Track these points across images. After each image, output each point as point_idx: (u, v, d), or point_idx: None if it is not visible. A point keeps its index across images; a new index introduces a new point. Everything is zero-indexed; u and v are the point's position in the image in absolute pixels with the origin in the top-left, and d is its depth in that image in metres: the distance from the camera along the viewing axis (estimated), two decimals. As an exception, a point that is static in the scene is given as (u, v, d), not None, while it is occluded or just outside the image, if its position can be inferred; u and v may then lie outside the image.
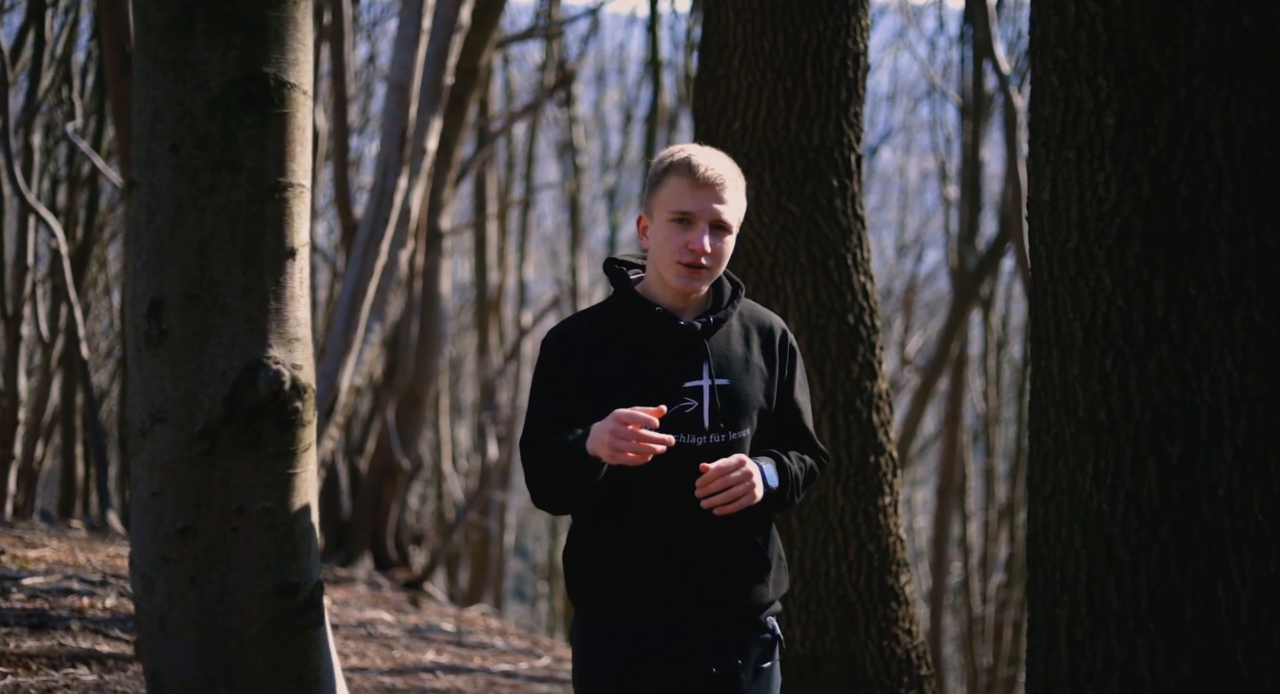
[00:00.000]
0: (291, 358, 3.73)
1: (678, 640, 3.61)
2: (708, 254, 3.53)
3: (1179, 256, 3.63)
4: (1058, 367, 3.81)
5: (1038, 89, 3.84)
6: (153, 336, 3.66)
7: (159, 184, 3.64)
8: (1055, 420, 3.82)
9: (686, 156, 3.60)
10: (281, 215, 3.70)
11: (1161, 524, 3.67)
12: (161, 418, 3.68)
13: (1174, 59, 3.62)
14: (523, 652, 10.57)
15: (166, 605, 3.76)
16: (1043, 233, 3.84)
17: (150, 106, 3.65)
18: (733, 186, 3.59)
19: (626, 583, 3.60)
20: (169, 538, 3.72)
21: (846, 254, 6.02)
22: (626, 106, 25.57)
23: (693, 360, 3.59)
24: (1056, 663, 3.84)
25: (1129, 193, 3.67)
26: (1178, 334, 3.64)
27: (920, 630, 6.26)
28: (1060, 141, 3.77)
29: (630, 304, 3.65)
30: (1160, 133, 3.63)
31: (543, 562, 30.96)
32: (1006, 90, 18.81)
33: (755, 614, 3.67)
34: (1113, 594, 3.73)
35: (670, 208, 3.56)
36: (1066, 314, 3.77)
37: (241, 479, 3.71)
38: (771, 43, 5.90)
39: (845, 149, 6.00)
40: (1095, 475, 3.74)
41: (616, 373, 3.59)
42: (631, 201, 27.50)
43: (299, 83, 3.70)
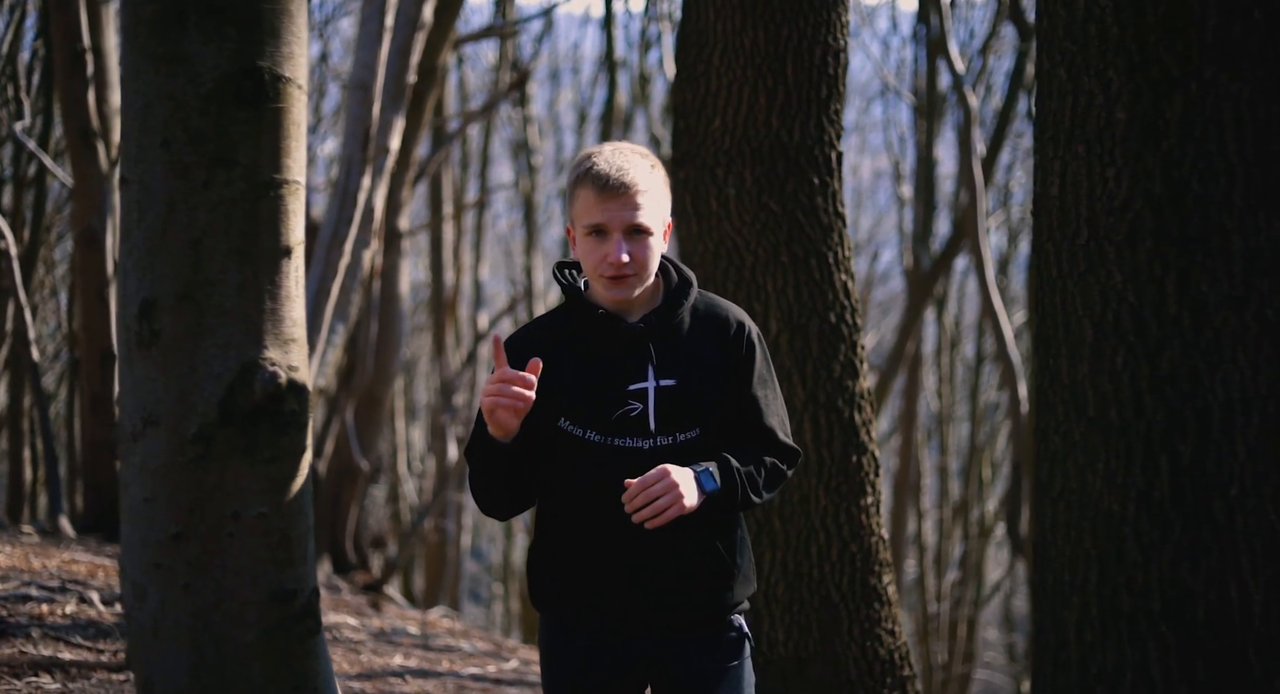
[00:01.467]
0: (288, 359, 3.64)
1: (639, 644, 3.55)
2: (627, 264, 3.44)
3: (1191, 252, 3.58)
4: (1066, 365, 3.76)
5: (1044, 83, 3.79)
6: (144, 337, 3.56)
7: (150, 181, 3.54)
8: (1064, 419, 3.77)
9: (590, 166, 3.48)
10: (277, 213, 3.60)
11: (1174, 524, 3.62)
12: (154, 421, 3.58)
13: (1186, 52, 3.57)
14: (489, 655, 10.48)
15: (159, 613, 3.65)
16: (1050, 229, 3.78)
17: (140, 101, 3.55)
18: (645, 187, 3.46)
19: (583, 589, 3.55)
20: (161, 544, 3.62)
21: (828, 252, 5.96)
22: (581, 106, 25.49)
23: (638, 362, 3.51)
24: (1066, 665, 3.79)
25: (1140, 188, 3.62)
26: (1190, 331, 3.59)
27: (903, 631, 6.22)
28: (1069, 136, 3.72)
29: (577, 308, 3.57)
30: (1172, 127, 3.59)
31: (498, 563, 30.86)
32: (961, 89, 18.88)
33: (718, 616, 3.60)
34: (1124, 595, 3.68)
35: (583, 222, 3.47)
36: (1076, 311, 3.72)
37: (236, 483, 3.61)
38: (752, 39, 5.84)
39: (826, 146, 5.95)
40: (1106, 475, 3.69)
41: (562, 380, 3.51)
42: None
43: (294, 77, 3.61)
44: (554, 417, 3.49)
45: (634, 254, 3.45)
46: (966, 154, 18.25)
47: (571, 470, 3.49)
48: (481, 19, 24.91)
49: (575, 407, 3.48)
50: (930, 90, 21.02)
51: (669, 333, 3.54)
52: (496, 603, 30.78)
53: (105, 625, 6.72)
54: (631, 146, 3.58)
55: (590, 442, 3.49)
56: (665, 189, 3.56)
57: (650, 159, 3.55)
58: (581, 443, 3.49)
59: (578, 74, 26.00)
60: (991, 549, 28.88)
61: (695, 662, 3.56)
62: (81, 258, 10.26)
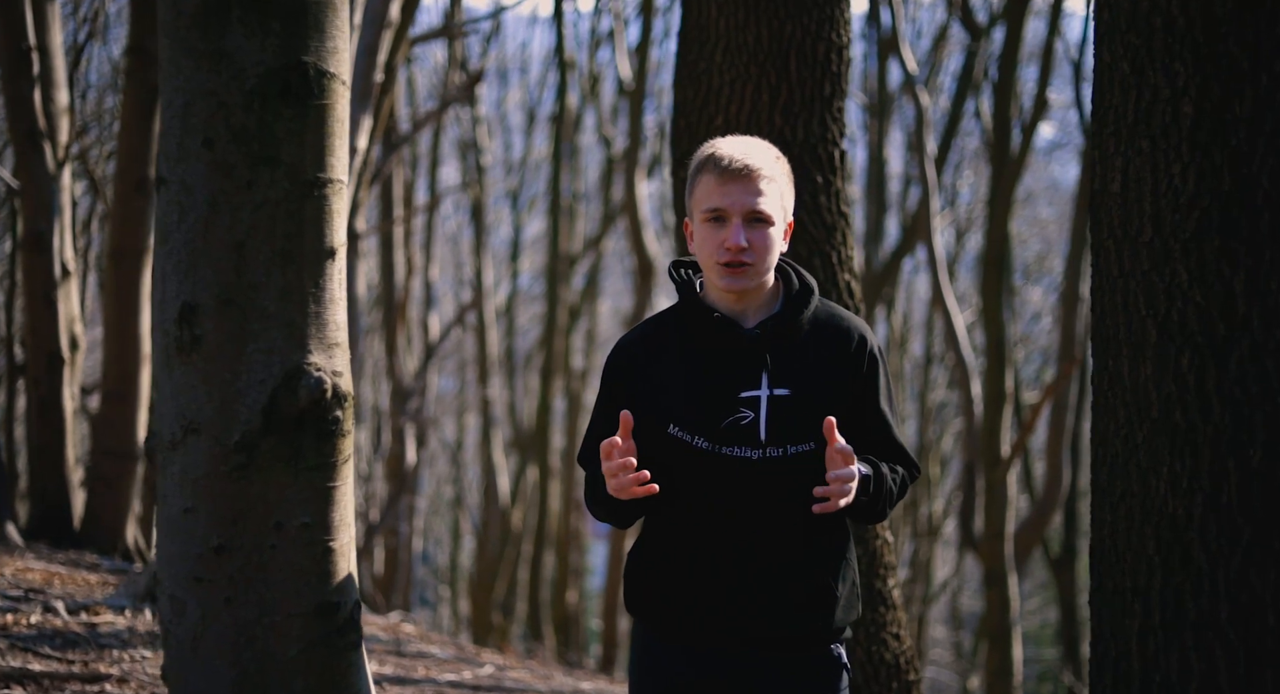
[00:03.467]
0: (332, 364, 3.51)
1: (735, 660, 3.45)
2: (745, 249, 3.34)
3: (1260, 251, 3.50)
4: (1128, 366, 3.67)
5: (1105, 76, 3.70)
6: (184, 343, 3.42)
7: (191, 181, 3.41)
8: (1125, 422, 3.68)
9: (712, 152, 3.44)
10: (321, 213, 3.47)
11: (1242, 529, 3.54)
12: (194, 429, 3.44)
13: (1256, 44, 3.49)
14: (463, 660, 10.34)
15: (199, 628, 3.52)
16: (1112, 226, 3.70)
17: (181, 98, 3.41)
18: (768, 174, 3.39)
19: (682, 597, 3.45)
20: (202, 557, 3.49)
21: (831, 252, 5.90)
22: (530, 107, 25.36)
23: (752, 369, 3.40)
24: (1128, 675, 3.70)
25: (1208, 184, 3.53)
26: (1259, 332, 3.51)
27: (908, 635, 6.16)
28: (1132, 131, 3.63)
29: (690, 310, 3.47)
30: (1241, 122, 3.50)
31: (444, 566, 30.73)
32: (913, 88, 18.90)
33: (818, 640, 3.49)
34: (1190, 603, 3.60)
35: (703, 207, 3.40)
36: (1139, 311, 3.63)
37: (280, 494, 3.48)
38: (755, 36, 5.76)
39: (829, 144, 5.88)
40: (1171, 479, 3.60)
41: (673, 383, 3.43)
42: (536, 203, 27.32)
43: (338, 72, 3.48)
44: (665, 421, 3.39)
45: (753, 242, 3.36)
46: (920, 154, 18.29)
47: (679, 477, 3.37)
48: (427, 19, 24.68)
49: (685, 412, 3.38)
50: (881, 89, 21.03)
51: (786, 341, 3.44)
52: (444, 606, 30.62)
53: (72, 635, 6.56)
54: (757, 139, 3.51)
55: (698, 448, 3.38)
56: (790, 183, 3.48)
57: (775, 151, 3.48)
58: (690, 449, 3.39)
59: (526, 74, 25.87)
60: (940, 547, 28.98)
61: (789, 686, 3.46)
62: (27, 261, 10.07)
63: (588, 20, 24.07)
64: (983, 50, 20.18)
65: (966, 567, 29.10)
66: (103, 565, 9.32)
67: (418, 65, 23.47)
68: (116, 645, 6.45)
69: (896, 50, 19.05)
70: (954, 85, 22.18)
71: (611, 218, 23.21)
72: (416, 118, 20.37)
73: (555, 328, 21.24)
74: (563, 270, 21.24)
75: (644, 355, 3.48)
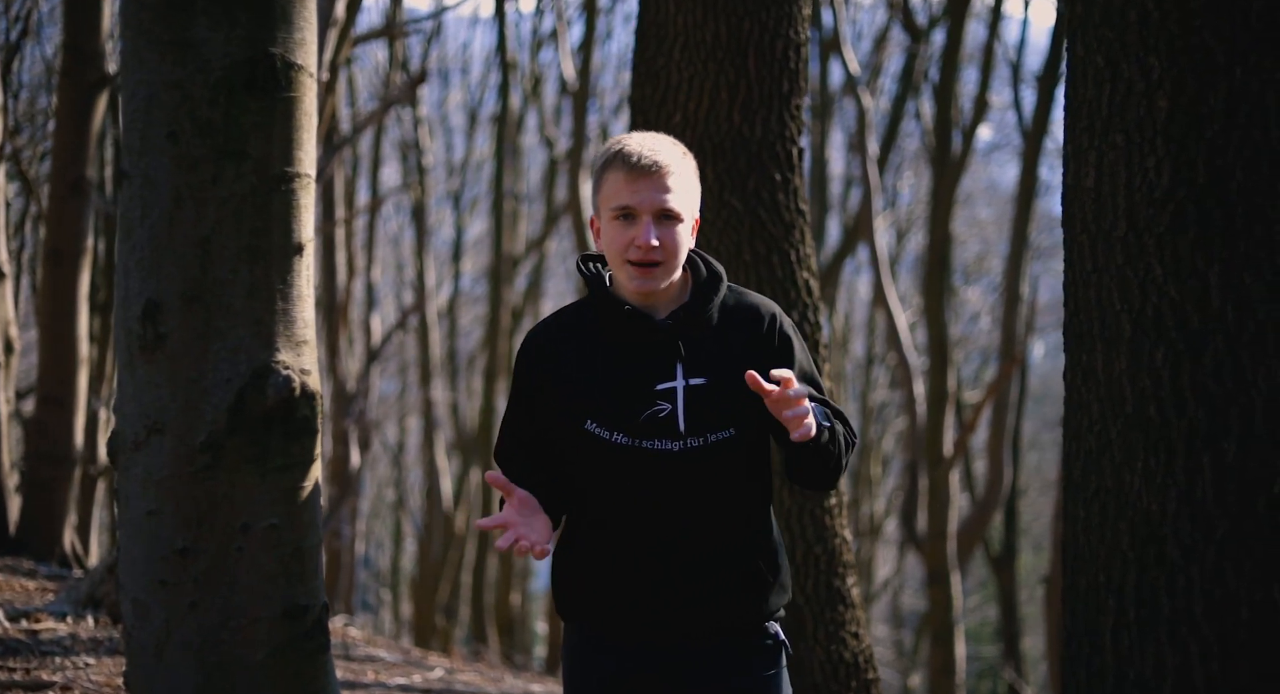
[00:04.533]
0: (300, 362, 3.44)
1: (671, 653, 3.41)
2: (655, 248, 3.29)
3: (1235, 244, 3.49)
4: (1102, 361, 3.66)
5: (1079, 70, 3.68)
6: (148, 341, 3.34)
7: (155, 175, 3.32)
8: (1099, 417, 3.67)
9: (620, 148, 3.36)
10: (289, 208, 3.40)
11: (1217, 525, 3.53)
12: (158, 429, 3.36)
13: (1230, 37, 3.48)
14: (412, 664, 10.26)
15: (163, 633, 3.43)
16: (1085, 221, 3.68)
17: (144, 91, 3.33)
18: (676, 172, 3.34)
19: (613, 596, 3.40)
20: (167, 560, 3.40)
21: (790, 250, 5.87)
22: (471, 108, 25.24)
23: (666, 360, 3.35)
24: (1102, 672, 3.68)
25: (1183, 177, 3.52)
26: (1233, 325, 3.50)
27: (867, 634, 6.14)
28: (1106, 125, 3.61)
29: (602, 303, 3.41)
30: (1216, 114, 3.49)
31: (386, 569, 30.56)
32: (855, 89, 18.95)
33: (752, 625, 3.46)
34: (1164, 598, 3.58)
35: (611, 205, 3.34)
36: (1113, 306, 3.62)
37: (247, 494, 3.40)
38: (713, 33, 5.73)
39: (788, 142, 5.86)
40: (1145, 474, 3.59)
41: (587, 379, 3.37)
42: (478, 204, 27.21)
43: (305, 64, 3.41)
44: (580, 419, 3.34)
45: (663, 240, 3.30)
46: (862, 155, 18.32)
47: (599, 474, 3.33)
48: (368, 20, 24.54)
49: (601, 408, 3.32)
50: (822, 90, 21.06)
51: (698, 330, 3.38)
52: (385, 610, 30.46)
53: (13, 642, 6.45)
54: (663, 135, 3.45)
55: (618, 444, 3.33)
56: (696, 179, 3.42)
57: (682, 147, 3.42)
58: (609, 446, 3.33)
59: (467, 74, 25.76)
60: (880, 547, 29.08)
61: (730, 672, 3.42)
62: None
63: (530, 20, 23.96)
64: (923, 52, 20.27)
65: (907, 565, 29.23)
66: (40, 572, 9.18)
67: (358, 66, 23.31)
68: (59, 653, 6.34)
69: (838, 51, 19.10)
70: (895, 87, 22.28)
71: (554, 219, 23.15)
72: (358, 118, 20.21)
73: (499, 329, 21.16)
74: (506, 271, 21.15)
75: (555, 349, 3.42)
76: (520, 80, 22.30)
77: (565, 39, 20.54)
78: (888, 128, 21.06)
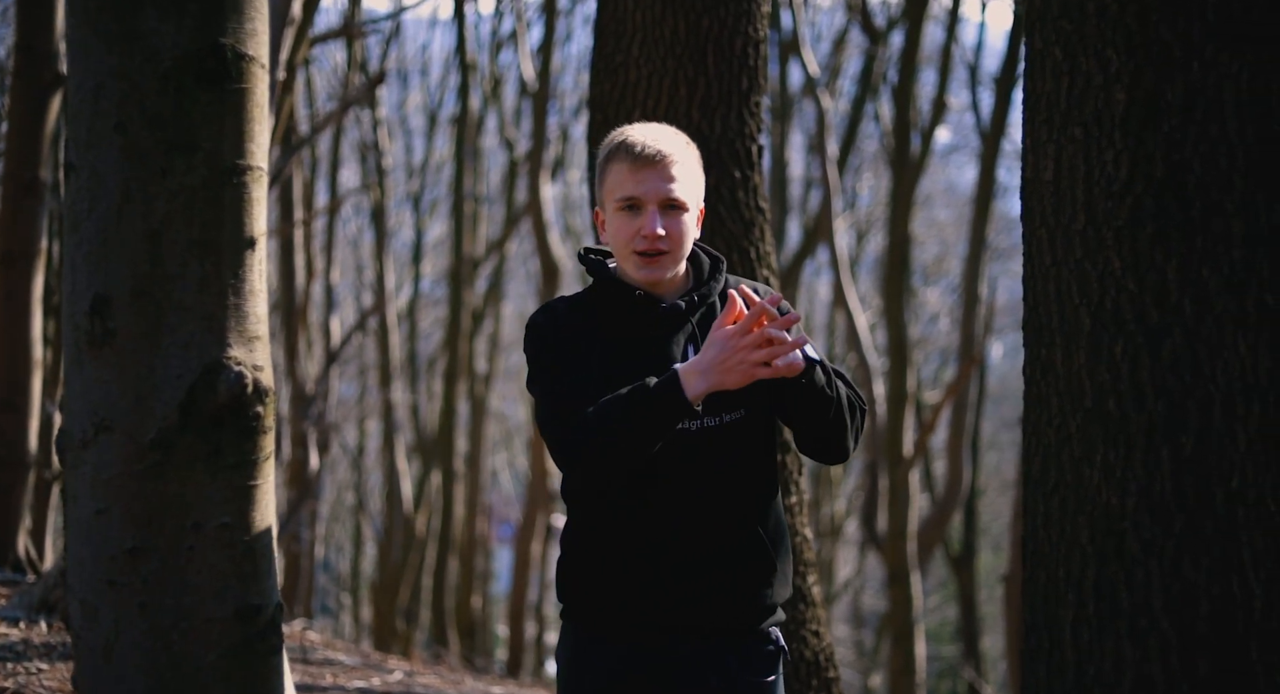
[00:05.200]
0: (253, 358, 3.39)
1: (675, 652, 3.38)
2: (661, 237, 3.29)
3: (1192, 237, 3.48)
4: (1061, 355, 3.64)
5: (1036, 64, 3.66)
6: (96, 337, 3.30)
7: (103, 168, 3.28)
8: (1059, 412, 3.65)
9: (623, 139, 3.38)
10: (240, 201, 3.36)
11: (1175, 518, 3.51)
12: (107, 427, 3.31)
13: (1187, 30, 3.47)
14: (371, 667, 10.20)
15: (112, 634, 3.38)
16: (1044, 215, 3.66)
17: (91, 81, 3.29)
18: (681, 161, 3.35)
19: (619, 587, 3.37)
20: (115, 560, 3.36)
21: (750, 247, 5.86)
22: (430, 110, 25.15)
23: (677, 342, 3.36)
24: (1061, 667, 3.66)
25: (1141, 171, 3.50)
26: (1191, 319, 3.49)
27: (828, 632, 6.12)
28: (1065, 118, 3.60)
29: (610, 289, 3.40)
30: (1174, 108, 3.48)
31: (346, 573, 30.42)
32: (815, 92, 18.97)
33: (757, 619, 3.44)
34: (1123, 593, 3.56)
35: (616, 196, 3.34)
36: (1072, 300, 3.60)
37: (198, 493, 3.36)
38: (672, 29, 5.71)
39: (747, 139, 5.84)
40: (1104, 468, 3.57)
41: (600, 361, 3.35)
42: (438, 206, 27.11)
43: (257, 55, 3.37)
44: (592, 403, 3.27)
45: (669, 229, 3.30)
46: (822, 157, 18.35)
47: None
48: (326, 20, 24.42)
49: (612, 391, 3.27)
50: (782, 92, 21.08)
51: (705, 314, 3.40)
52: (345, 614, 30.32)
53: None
54: (665, 125, 3.46)
55: None
56: (700, 168, 3.43)
57: (685, 137, 3.43)
58: None
59: (426, 76, 25.66)
60: (840, 547, 29.11)
61: (732, 674, 3.40)
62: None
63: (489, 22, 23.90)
64: (881, 54, 20.32)
65: (868, 566, 29.28)
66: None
67: (316, 66, 23.20)
68: (11, 658, 6.26)
69: (798, 53, 19.13)
70: (854, 88, 22.32)
71: (515, 220, 23.09)
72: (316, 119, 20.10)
73: (459, 332, 21.09)
74: (466, 273, 21.08)
75: (564, 326, 3.39)
76: (480, 82, 22.23)
77: (525, 40, 20.50)
78: (847, 129, 21.10)
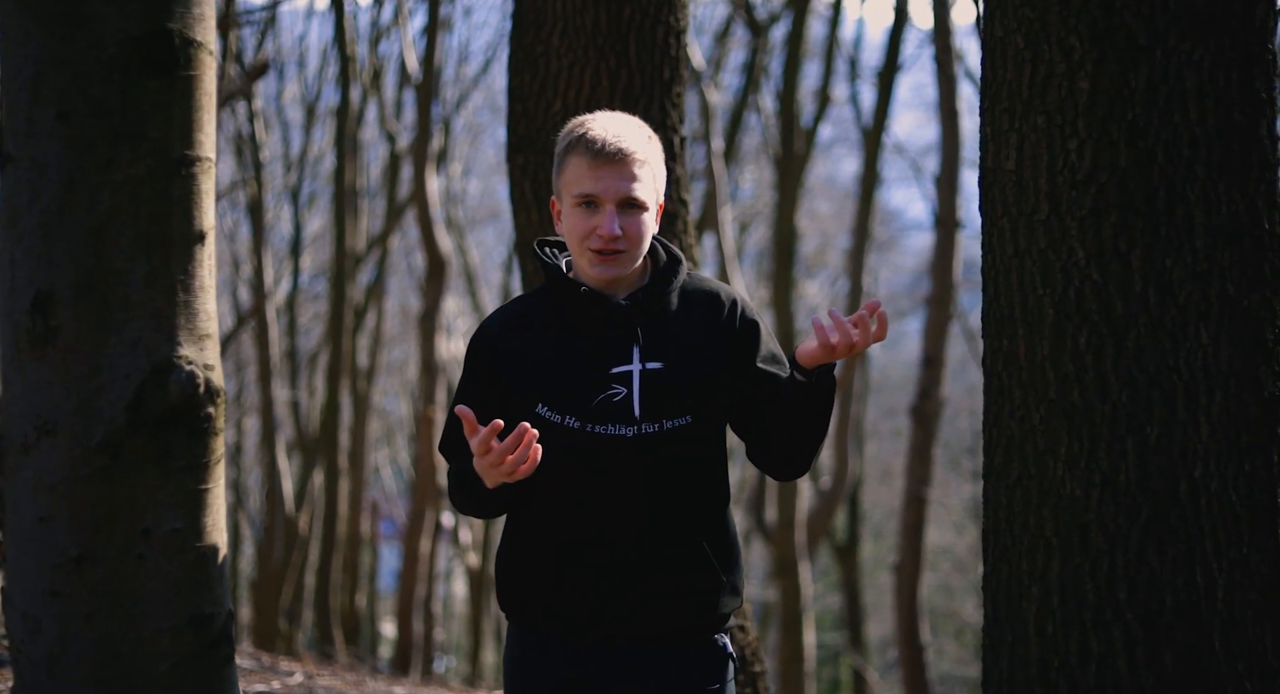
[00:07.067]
0: (204, 357, 3.25)
1: (618, 655, 3.31)
2: (618, 237, 3.22)
3: (1156, 227, 3.47)
4: (1024, 347, 3.61)
5: (996, 52, 3.62)
6: (38, 335, 3.13)
7: (44, 159, 3.11)
8: (1022, 403, 3.62)
9: (584, 132, 3.28)
10: (190, 194, 3.21)
11: (1140, 508, 3.50)
12: (50, 430, 3.15)
13: (1151, 17, 3.45)
14: (269, 670, 10.01)
15: (57, 648, 3.22)
16: (1006, 205, 3.62)
17: (30, 68, 3.12)
18: (643, 159, 3.27)
19: (560, 591, 3.30)
20: (60, 569, 3.19)
21: (673, 240, 5.79)
22: (308, 102, 24.80)
23: (622, 343, 3.28)
24: (1025, 660, 3.64)
25: (1105, 160, 3.48)
26: (1155, 308, 3.48)
27: (753, 627, 6.08)
28: (1027, 107, 3.56)
29: (559, 287, 3.32)
30: (1138, 96, 3.46)
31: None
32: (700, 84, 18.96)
33: (702, 627, 3.37)
34: (1088, 584, 3.55)
35: (574, 191, 3.26)
36: (1035, 290, 3.57)
37: (148, 497, 3.20)
38: (593, 18, 5.62)
39: (670, 130, 5.77)
40: (1068, 460, 3.55)
41: (541, 362, 3.28)
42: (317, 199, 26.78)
43: (205, 41, 3.22)
44: (531, 402, 3.24)
45: (626, 228, 3.22)
46: (706, 148, 18.34)
47: (549, 460, 3.17)
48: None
49: (554, 391, 3.23)
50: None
51: (657, 314, 3.31)
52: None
53: None
54: (628, 116, 3.36)
55: (569, 428, 3.24)
56: (662, 163, 3.35)
57: (648, 130, 3.35)
58: (560, 430, 3.23)
59: (303, 67, 25.30)
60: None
61: (677, 681, 3.32)
62: None
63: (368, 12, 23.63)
64: (763, 47, 20.37)
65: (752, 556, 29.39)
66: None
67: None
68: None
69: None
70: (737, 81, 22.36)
71: (398, 214, 22.85)
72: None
73: (342, 327, 20.81)
74: (348, 268, 20.81)
75: (508, 335, 3.34)
76: (359, 73, 21.94)
77: (407, 29, 20.28)
78: (730, 123, 21.12)
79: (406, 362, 31.21)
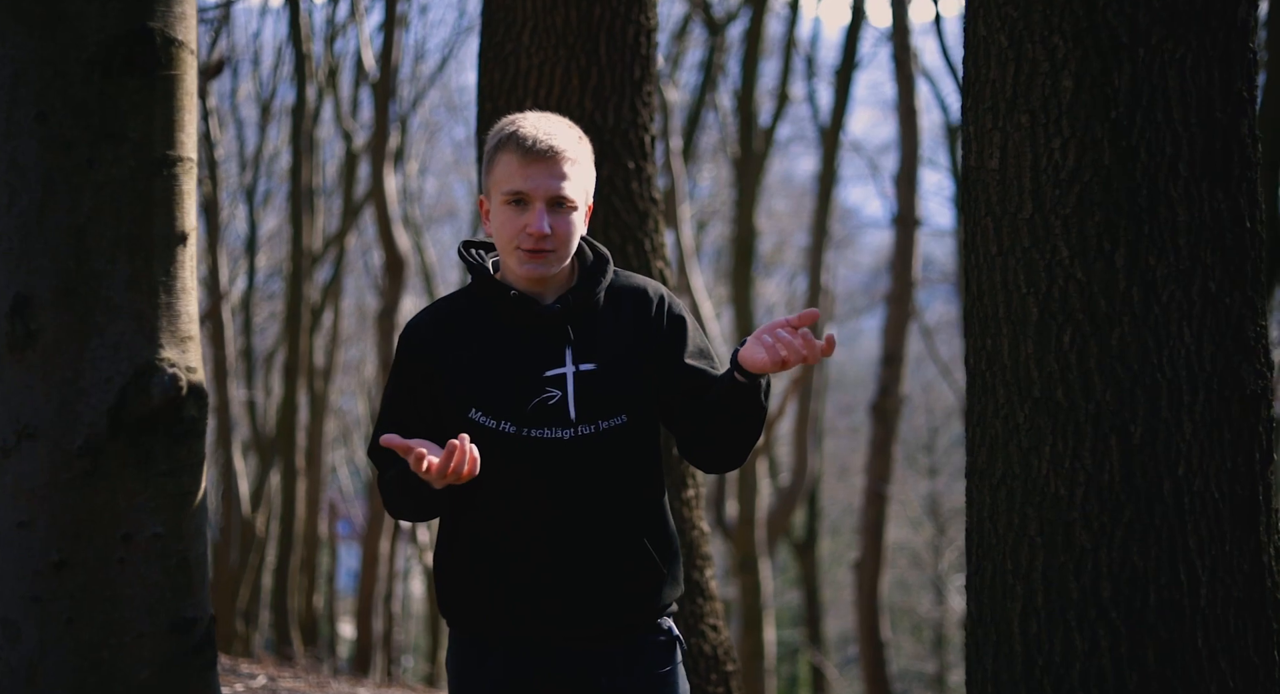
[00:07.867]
0: (186, 359, 3.21)
1: (560, 657, 3.29)
2: (547, 236, 3.19)
3: (1140, 225, 3.47)
4: (1008, 345, 3.60)
5: (980, 51, 3.62)
6: (17, 339, 3.09)
7: (23, 159, 3.08)
8: (1006, 402, 3.61)
9: (514, 130, 3.25)
10: (171, 194, 3.18)
11: (1125, 507, 3.51)
12: (30, 434, 3.12)
13: (1133, 16, 3.45)
14: (231, 673, 9.94)
15: (37, 654, 3.18)
16: (989, 203, 3.62)
17: (9, 68, 3.08)
18: (571, 156, 3.23)
19: (498, 596, 3.27)
20: (40, 574, 3.16)
21: (644, 239, 5.79)
22: (263, 100, 24.65)
23: (555, 346, 3.26)
24: (1009, 659, 3.64)
25: (1089, 158, 3.48)
26: (1139, 307, 3.48)
27: (725, 626, 6.08)
28: (1011, 105, 3.56)
29: (486, 289, 3.30)
30: (1121, 95, 3.46)
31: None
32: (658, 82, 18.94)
33: (645, 619, 3.36)
34: (1072, 583, 3.55)
35: (503, 189, 3.22)
36: (1019, 289, 3.57)
37: (129, 502, 3.17)
38: (564, 17, 5.60)
39: (640, 129, 5.77)
40: (1053, 458, 3.55)
41: (473, 364, 3.25)
42: (272, 198, 26.64)
43: (186, 40, 3.18)
44: (464, 407, 3.21)
45: (555, 227, 3.19)
46: (665, 146, 18.33)
47: (486, 466, 3.13)
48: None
49: (488, 396, 3.20)
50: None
51: (587, 314, 3.28)
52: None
53: None
54: (559, 116, 3.33)
55: (504, 433, 3.21)
56: (591, 164, 3.31)
57: (578, 130, 3.31)
58: (495, 435, 3.21)
59: (258, 65, 25.14)
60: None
61: (622, 672, 3.31)
62: None
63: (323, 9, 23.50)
64: (721, 45, 20.38)
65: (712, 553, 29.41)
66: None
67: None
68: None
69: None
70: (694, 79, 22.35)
71: (354, 212, 22.75)
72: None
73: (299, 326, 20.70)
74: (305, 267, 20.70)
75: (439, 337, 3.30)
76: (314, 71, 21.82)
77: (364, 26, 20.19)
78: (688, 121, 21.11)
79: (363, 360, 31.09)
